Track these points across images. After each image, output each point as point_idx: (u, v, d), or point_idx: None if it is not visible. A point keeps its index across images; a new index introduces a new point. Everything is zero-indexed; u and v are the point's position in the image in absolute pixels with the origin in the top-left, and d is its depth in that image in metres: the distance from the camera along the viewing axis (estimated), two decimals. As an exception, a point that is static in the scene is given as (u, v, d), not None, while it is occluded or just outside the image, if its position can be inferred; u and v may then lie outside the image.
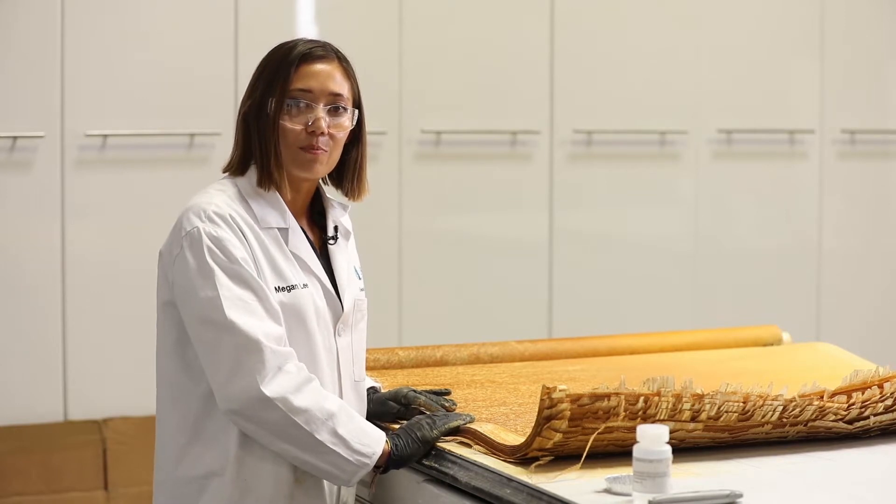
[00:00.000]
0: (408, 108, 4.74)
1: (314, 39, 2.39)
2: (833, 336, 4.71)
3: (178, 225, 2.26)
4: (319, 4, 4.71)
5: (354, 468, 2.22)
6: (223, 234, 2.23)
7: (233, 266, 2.21)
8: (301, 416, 2.18)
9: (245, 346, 2.17)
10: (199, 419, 2.26)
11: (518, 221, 4.97)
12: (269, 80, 2.32)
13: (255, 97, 2.32)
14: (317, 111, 2.32)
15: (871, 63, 5.44)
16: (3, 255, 4.27)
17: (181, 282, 2.23)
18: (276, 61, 2.33)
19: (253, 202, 2.30)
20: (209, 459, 2.26)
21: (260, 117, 2.31)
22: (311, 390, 2.20)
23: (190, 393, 2.27)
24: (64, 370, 4.33)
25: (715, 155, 5.21)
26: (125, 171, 4.40)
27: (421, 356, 2.91)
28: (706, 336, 3.27)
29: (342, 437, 2.20)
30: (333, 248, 2.41)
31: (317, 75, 2.34)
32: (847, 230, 5.45)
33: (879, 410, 2.32)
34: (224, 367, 2.18)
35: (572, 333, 4.06)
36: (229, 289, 2.19)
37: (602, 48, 5.02)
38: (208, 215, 2.24)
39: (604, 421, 2.10)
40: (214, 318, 2.18)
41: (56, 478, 4.18)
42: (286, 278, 2.28)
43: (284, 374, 2.18)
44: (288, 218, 2.32)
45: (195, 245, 2.22)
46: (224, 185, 2.33)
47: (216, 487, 2.26)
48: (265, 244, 2.28)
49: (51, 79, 4.28)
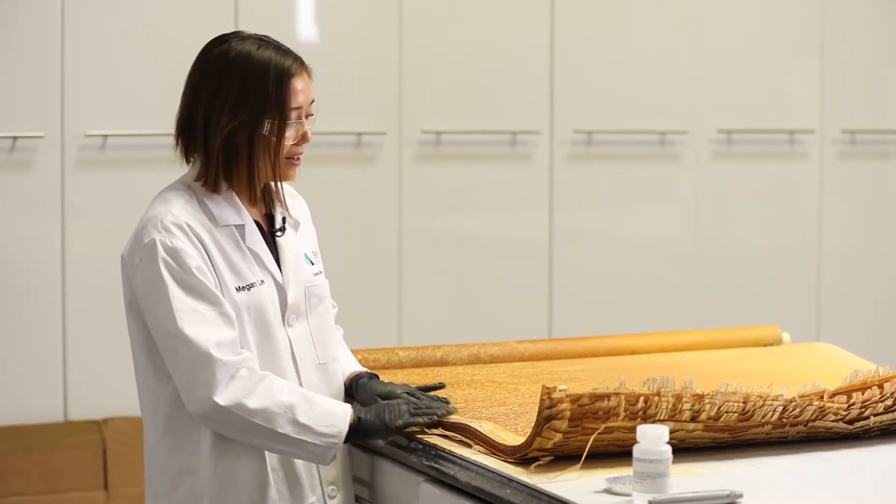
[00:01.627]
0: (408, 108, 4.74)
1: (271, 41, 2.37)
2: (833, 336, 4.71)
3: (139, 235, 2.33)
4: (319, 4, 4.71)
5: (324, 450, 2.30)
6: (179, 244, 2.29)
7: (186, 277, 2.28)
8: (258, 416, 2.26)
9: (196, 359, 2.25)
10: (169, 418, 2.34)
11: (518, 221, 4.97)
12: (261, 100, 2.31)
13: (245, 118, 2.32)
14: (304, 124, 2.38)
15: (871, 63, 5.44)
16: (4, 255, 4.27)
17: (141, 292, 2.32)
18: (262, 80, 2.32)
19: (209, 201, 2.36)
20: (182, 457, 2.35)
21: (253, 137, 2.33)
22: (263, 389, 2.27)
23: (160, 393, 2.35)
24: (64, 370, 4.33)
25: (715, 155, 5.22)
26: (125, 171, 4.40)
27: (421, 356, 2.91)
28: (706, 336, 3.26)
29: (304, 425, 2.28)
30: (281, 240, 2.45)
31: (303, 90, 2.37)
32: (847, 230, 5.45)
33: (879, 410, 2.32)
34: (183, 377, 2.27)
35: (572, 333, 4.07)
36: (182, 301, 2.27)
37: (602, 48, 5.03)
38: (165, 226, 2.30)
39: (604, 421, 2.10)
40: (170, 330, 2.27)
41: (56, 478, 4.18)
42: (245, 277, 2.35)
43: (236, 381, 2.26)
44: (244, 215, 2.38)
45: (152, 257, 2.29)
46: (180, 187, 2.38)
47: (190, 484, 2.34)
48: (222, 244, 2.34)
49: (51, 79, 4.28)
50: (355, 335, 4.13)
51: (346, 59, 4.67)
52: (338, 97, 4.58)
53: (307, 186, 2.51)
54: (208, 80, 2.34)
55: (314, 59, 2.36)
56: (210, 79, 2.34)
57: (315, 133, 2.41)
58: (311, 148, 2.43)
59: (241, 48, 2.34)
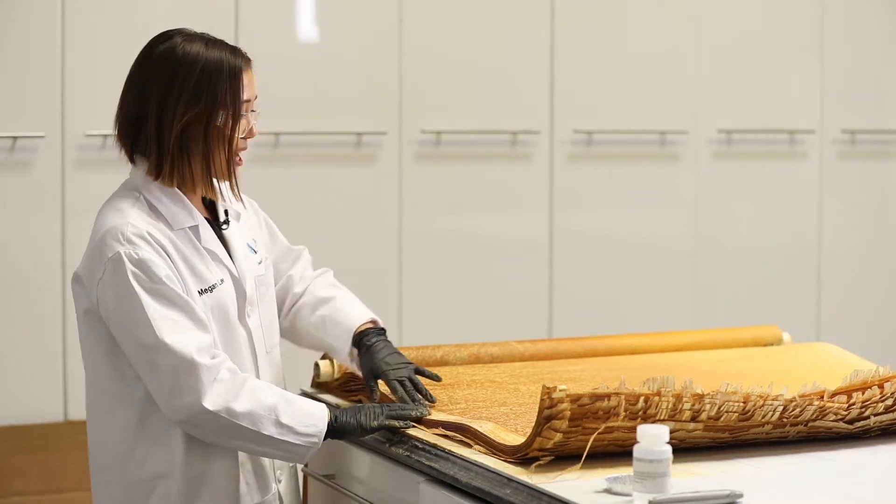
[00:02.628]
0: (408, 108, 4.74)
1: (211, 37, 2.39)
2: (833, 336, 4.71)
3: (98, 249, 2.29)
4: (319, 4, 4.71)
5: (305, 449, 2.32)
6: (144, 254, 2.27)
7: (157, 286, 2.26)
8: (245, 419, 2.26)
9: (179, 366, 2.24)
10: (140, 423, 2.32)
11: (518, 221, 4.97)
12: (214, 92, 2.32)
13: (200, 109, 2.32)
14: (251, 118, 2.39)
15: (871, 63, 5.44)
16: (4, 255, 4.27)
17: (109, 306, 2.27)
18: (215, 73, 2.33)
19: (160, 206, 2.35)
20: (155, 462, 2.33)
21: (208, 129, 2.33)
22: (248, 391, 2.27)
23: (128, 398, 2.32)
24: (64, 370, 4.33)
25: (715, 155, 5.22)
26: (125, 172, 4.38)
27: (421, 356, 2.91)
28: (706, 336, 3.26)
29: (287, 426, 2.29)
30: (227, 233, 2.45)
31: (250, 83, 2.39)
32: (847, 230, 5.45)
33: (879, 410, 2.32)
34: (164, 386, 2.25)
35: (572, 333, 4.07)
36: (156, 310, 2.25)
37: (602, 48, 5.03)
38: (127, 238, 2.28)
39: (604, 421, 2.10)
40: (147, 342, 2.24)
41: (57, 478, 4.18)
42: (206, 279, 2.35)
43: (220, 384, 2.25)
44: (195, 214, 2.38)
45: (118, 270, 2.26)
46: (129, 195, 2.37)
47: (164, 488, 2.33)
48: (181, 248, 2.33)
49: (51, 79, 4.28)
50: (355, 335, 4.14)
51: (346, 59, 4.66)
52: (338, 97, 4.58)
53: (307, 186, 2.51)
54: (159, 74, 2.34)
55: (314, 60, 2.36)
56: (161, 73, 2.34)
57: (315, 133, 2.42)
58: (311, 148, 2.44)
59: (190, 44, 2.36)
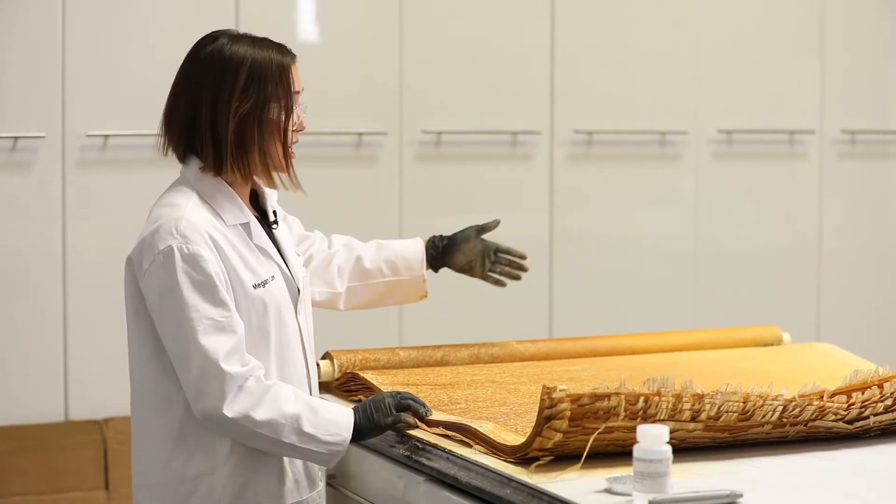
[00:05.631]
0: (408, 108, 4.75)
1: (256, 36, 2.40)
2: (833, 336, 4.71)
3: (151, 241, 2.29)
4: (319, 4, 4.71)
5: (328, 457, 2.32)
6: (196, 250, 2.27)
7: (205, 283, 2.26)
8: (265, 428, 2.26)
9: (207, 369, 2.24)
10: (185, 422, 2.32)
11: (518, 221, 4.96)
12: (265, 86, 2.34)
13: (253, 104, 2.33)
14: (299, 110, 2.40)
15: (871, 63, 5.44)
16: (4, 256, 4.27)
17: (153, 297, 2.29)
18: (265, 66, 2.35)
19: (214, 203, 2.35)
20: (198, 461, 2.33)
21: (262, 122, 2.34)
22: (270, 400, 2.27)
23: (174, 398, 2.32)
24: (65, 370, 4.33)
25: (715, 155, 5.22)
26: (126, 172, 4.40)
27: (421, 356, 2.91)
28: (706, 336, 3.26)
29: (310, 434, 2.28)
30: (277, 232, 2.47)
31: (297, 76, 2.41)
32: (847, 230, 5.45)
33: (879, 410, 2.32)
34: (191, 385, 2.26)
35: (572, 333, 4.07)
36: (198, 309, 2.25)
37: (602, 48, 5.03)
38: (181, 232, 2.28)
39: (604, 421, 2.10)
40: (182, 338, 2.25)
41: (57, 478, 4.18)
42: (259, 274, 2.35)
43: (244, 393, 2.25)
44: (247, 212, 2.39)
45: (168, 264, 2.26)
46: (183, 191, 2.37)
47: (208, 486, 2.33)
48: (234, 243, 2.34)
49: (51, 79, 4.28)
50: (356, 335, 4.15)
51: (346, 59, 4.67)
52: (338, 97, 4.59)
53: (308, 186, 2.50)
54: (209, 73, 2.35)
55: (314, 59, 2.37)
56: (211, 72, 2.35)
57: (315, 133, 2.43)
58: (311, 148, 2.45)
59: (237, 43, 2.37)
